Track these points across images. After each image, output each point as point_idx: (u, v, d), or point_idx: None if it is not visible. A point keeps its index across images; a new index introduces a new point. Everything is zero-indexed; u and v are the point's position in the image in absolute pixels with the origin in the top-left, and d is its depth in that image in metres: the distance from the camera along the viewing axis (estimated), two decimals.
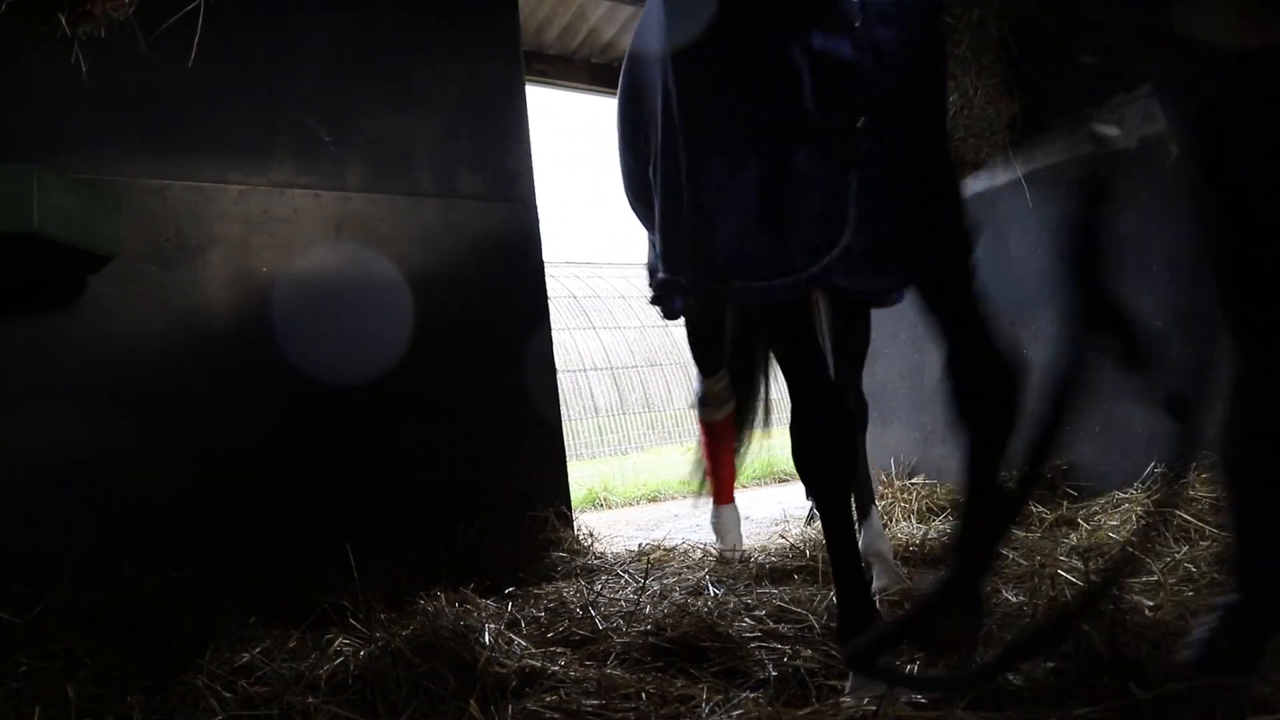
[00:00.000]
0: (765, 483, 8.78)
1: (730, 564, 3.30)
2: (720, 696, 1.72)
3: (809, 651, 2.02)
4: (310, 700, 1.83)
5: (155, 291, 3.26)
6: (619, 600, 2.77)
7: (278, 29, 3.64)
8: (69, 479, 3.01)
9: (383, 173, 3.83)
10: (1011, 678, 1.70)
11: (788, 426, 1.89)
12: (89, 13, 2.37)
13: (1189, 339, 2.85)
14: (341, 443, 3.53)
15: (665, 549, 3.64)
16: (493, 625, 2.17)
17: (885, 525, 3.65)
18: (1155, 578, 2.28)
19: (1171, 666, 1.62)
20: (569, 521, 3.94)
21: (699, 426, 3.88)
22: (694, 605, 2.56)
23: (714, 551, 3.58)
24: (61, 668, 2.20)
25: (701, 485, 3.93)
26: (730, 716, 1.63)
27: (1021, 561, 2.66)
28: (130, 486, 3.09)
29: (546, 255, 4.26)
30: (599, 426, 16.34)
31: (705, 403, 3.71)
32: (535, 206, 4.24)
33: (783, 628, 2.26)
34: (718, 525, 3.80)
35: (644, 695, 1.75)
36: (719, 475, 3.81)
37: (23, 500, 2.92)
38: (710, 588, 2.87)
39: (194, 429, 3.24)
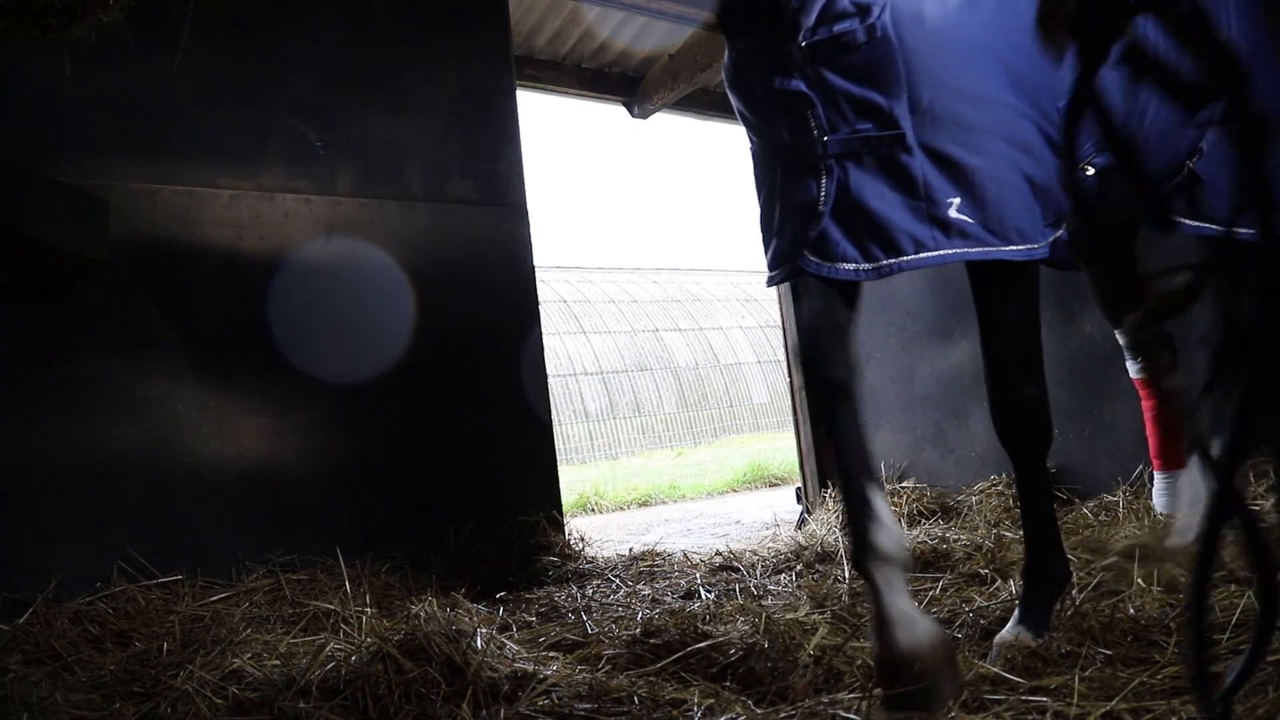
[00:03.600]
0: (755, 487, 8.79)
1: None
2: (711, 700, 1.72)
3: (799, 654, 2.03)
4: (301, 705, 1.83)
5: (145, 295, 3.24)
6: (610, 604, 2.77)
7: (269, 34, 3.63)
8: (57, 483, 2.99)
9: (373, 177, 3.83)
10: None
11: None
12: (80, 17, 2.36)
13: None
14: (331, 446, 3.52)
15: (656, 553, 3.64)
16: (484, 629, 2.17)
17: None
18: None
19: None
20: (560, 526, 3.93)
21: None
22: (685, 609, 2.56)
23: (702, 556, 3.57)
24: (50, 673, 2.19)
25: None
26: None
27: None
28: (119, 490, 3.08)
29: (537, 259, 4.27)
30: (589, 431, 16.35)
31: (1129, 358, 3.23)
32: (526, 211, 4.25)
33: (773, 630, 2.27)
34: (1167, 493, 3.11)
35: (636, 699, 1.75)
36: (1153, 438, 3.17)
37: (10, 505, 2.91)
38: (701, 592, 2.88)
39: (182, 432, 3.23)
